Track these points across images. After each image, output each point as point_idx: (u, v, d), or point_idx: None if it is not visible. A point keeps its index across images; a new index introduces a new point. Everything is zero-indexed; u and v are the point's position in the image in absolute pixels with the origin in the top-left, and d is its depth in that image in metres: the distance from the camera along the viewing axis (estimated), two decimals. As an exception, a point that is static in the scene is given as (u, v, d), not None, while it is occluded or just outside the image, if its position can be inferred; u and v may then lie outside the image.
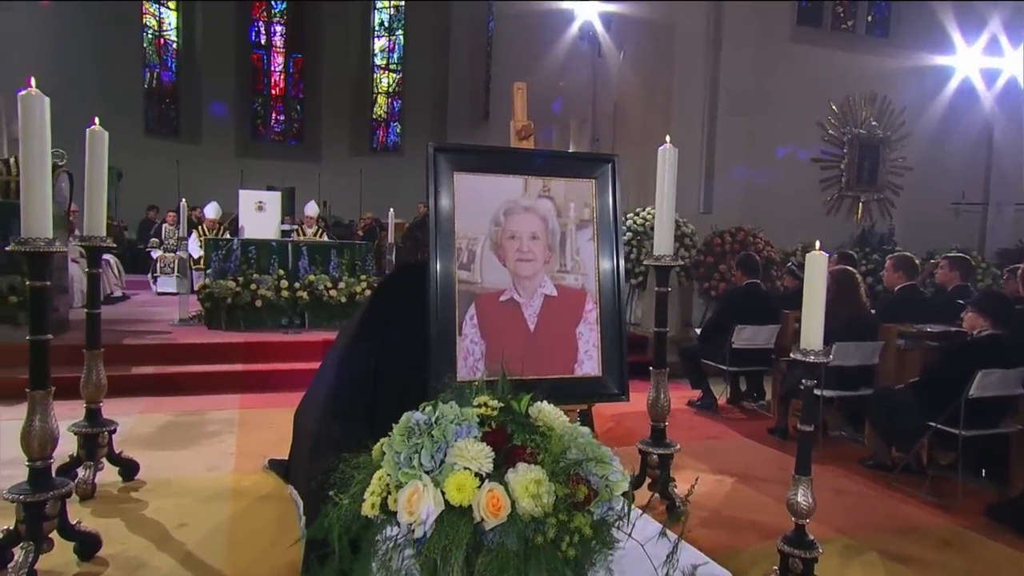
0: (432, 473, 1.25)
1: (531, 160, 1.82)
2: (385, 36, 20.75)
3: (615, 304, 1.79)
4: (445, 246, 1.66)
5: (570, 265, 1.78)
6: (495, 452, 1.30)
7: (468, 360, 1.68)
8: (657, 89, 9.15)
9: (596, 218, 1.82)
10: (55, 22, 12.64)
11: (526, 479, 1.23)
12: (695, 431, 5.43)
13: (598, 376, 1.76)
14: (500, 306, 1.72)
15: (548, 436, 1.33)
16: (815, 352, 2.66)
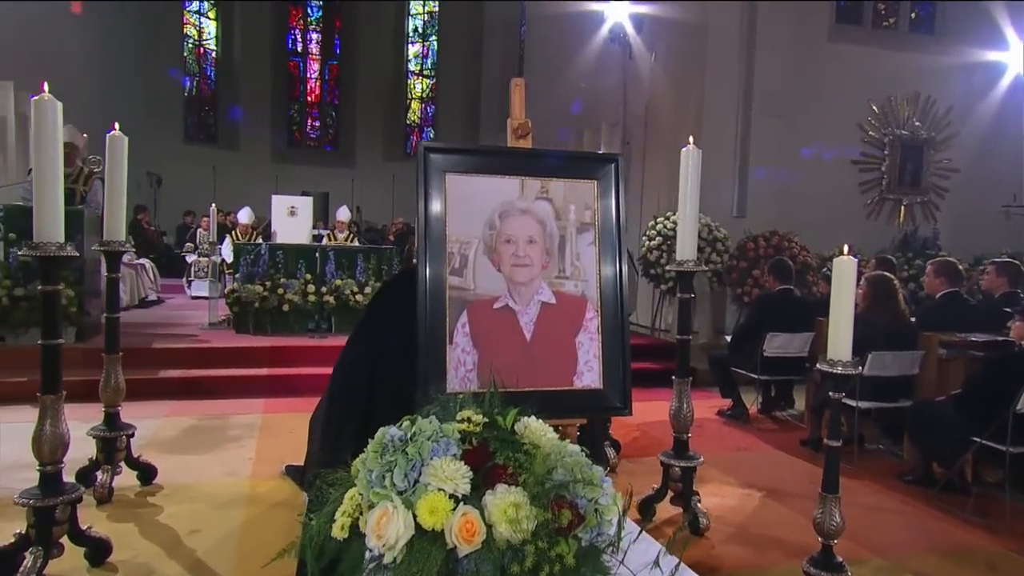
0: (405, 494, 1.17)
1: (528, 160, 1.73)
2: (419, 42, 20.87)
3: (617, 312, 1.69)
4: (435, 251, 1.58)
5: (569, 271, 1.68)
6: (474, 472, 1.21)
7: (459, 371, 1.59)
8: (689, 91, 8.97)
9: (598, 221, 1.72)
10: (100, 33, 12.97)
11: (504, 502, 1.14)
12: (724, 442, 5.26)
13: (599, 388, 1.66)
14: (494, 314, 1.63)
15: (533, 455, 1.24)
16: (843, 363, 2.52)
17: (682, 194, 3.48)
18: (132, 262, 9.05)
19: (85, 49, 12.25)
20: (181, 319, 7.96)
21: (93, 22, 12.55)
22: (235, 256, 7.47)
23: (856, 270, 2.54)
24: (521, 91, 1.80)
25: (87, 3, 12.00)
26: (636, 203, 9.83)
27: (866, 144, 9.34)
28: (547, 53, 13.92)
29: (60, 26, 10.69)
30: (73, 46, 11.47)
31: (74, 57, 11.64)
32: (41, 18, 9.67)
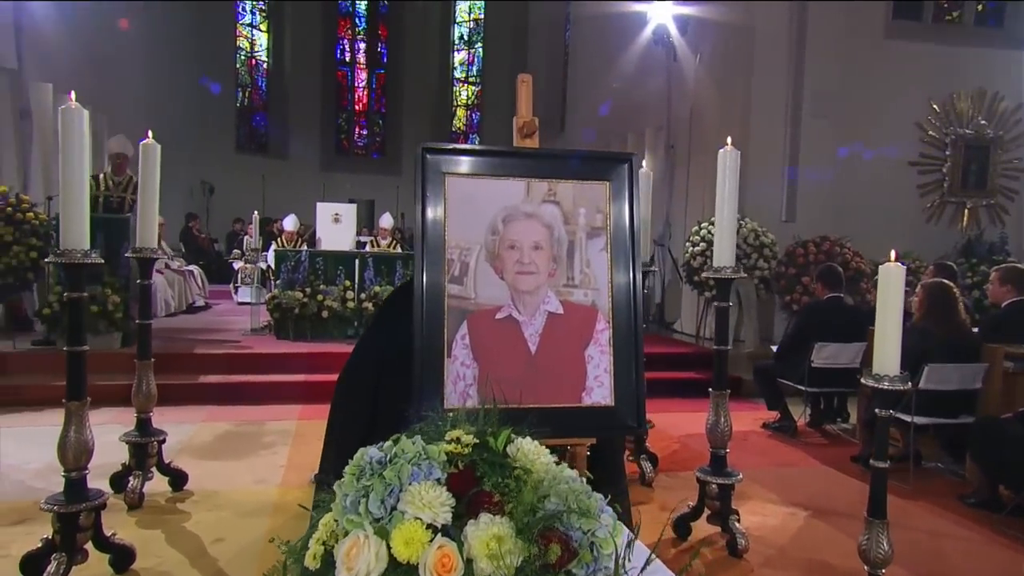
0: (381, 522, 1.08)
1: (534, 160, 1.63)
2: (465, 49, 20.97)
3: (631, 323, 1.56)
4: (433, 257, 1.49)
5: (579, 279, 1.57)
6: (457, 499, 1.11)
7: (458, 385, 1.49)
8: (734, 93, 8.73)
9: (610, 225, 1.60)
10: (157, 45, 13.39)
11: (486, 534, 1.04)
12: (768, 456, 5.03)
13: (610, 406, 1.53)
14: (496, 324, 1.53)
15: (523, 481, 1.13)
16: (891, 377, 2.33)
17: (719, 197, 3.33)
18: (181, 268, 9.27)
19: (141, 62, 12.65)
20: (225, 324, 8.09)
21: (149, 37, 12.96)
22: (275, 263, 7.56)
23: (904, 277, 2.34)
24: (528, 87, 1.70)
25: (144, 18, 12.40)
26: (680, 208, 9.61)
27: (926, 144, 8.92)
28: (591, 55, 13.79)
29: (117, 41, 11.06)
30: (129, 60, 11.85)
31: (131, 70, 12.03)
32: (100, 32, 10.02)
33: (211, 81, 12.08)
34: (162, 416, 5.26)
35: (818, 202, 8.46)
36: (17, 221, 5.85)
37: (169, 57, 14.04)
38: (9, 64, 7.48)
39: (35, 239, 5.89)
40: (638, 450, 4.29)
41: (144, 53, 12.67)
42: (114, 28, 10.64)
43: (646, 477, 4.19)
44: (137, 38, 12.24)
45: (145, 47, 12.69)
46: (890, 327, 2.34)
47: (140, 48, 12.48)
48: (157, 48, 13.44)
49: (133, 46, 12.01)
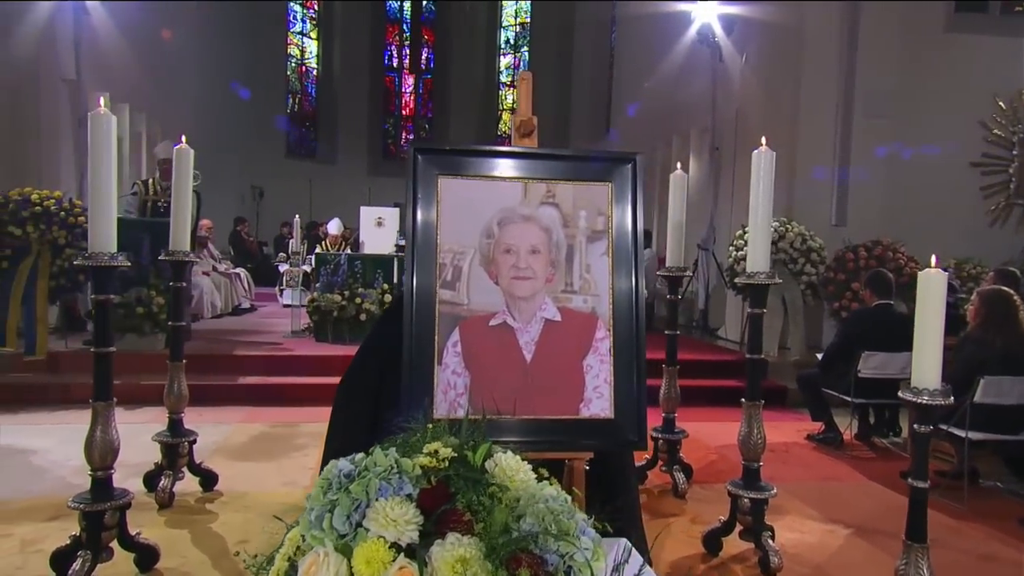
0: (346, 538, 1.03)
1: (532, 161, 1.56)
2: (511, 53, 21.00)
3: (632, 332, 1.48)
4: (424, 261, 1.44)
5: (578, 284, 1.49)
6: (428, 516, 1.05)
7: (448, 394, 1.43)
8: (782, 93, 8.47)
9: (612, 229, 1.52)
10: (210, 53, 13.80)
11: (451, 556, 0.98)
12: (811, 470, 4.83)
13: (609, 418, 1.45)
14: (490, 331, 1.47)
15: (498, 498, 1.07)
16: (930, 391, 2.19)
17: (753, 200, 3.20)
18: (227, 271, 9.48)
19: (195, 71, 13.04)
20: (268, 327, 8.23)
21: (203, 46, 13.36)
22: (316, 266, 7.66)
23: (945, 283, 2.19)
24: (527, 86, 1.64)
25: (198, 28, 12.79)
26: (726, 211, 9.38)
27: (990, 144, 8.49)
28: (636, 56, 13.63)
29: (171, 51, 11.42)
30: (183, 68, 12.23)
31: (184, 79, 12.41)
32: (155, 42, 10.36)
33: (241, 86, 12.36)
34: (201, 416, 5.39)
35: (870, 205, 8.14)
36: (70, 225, 6.06)
37: (222, 65, 14.44)
38: (69, 75, 7.78)
39: (86, 242, 6.08)
40: (671, 460, 4.17)
41: (197, 61, 13.06)
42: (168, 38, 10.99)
43: (679, 489, 4.07)
44: (191, 47, 12.63)
45: (198, 56, 13.09)
46: (929, 337, 2.20)
47: (193, 57, 12.87)
48: (210, 56, 13.83)
49: (187, 55, 12.39)
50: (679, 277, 4.16)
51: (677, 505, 3.98)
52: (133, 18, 8.96)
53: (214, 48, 14.01)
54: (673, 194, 4.09)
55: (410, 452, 1.18)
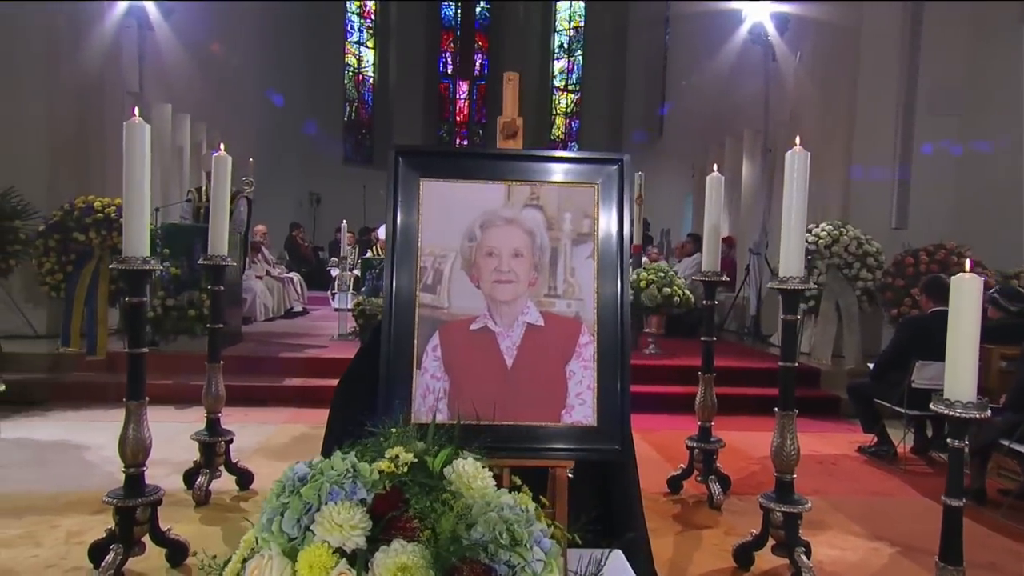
0: (294, 542, 1.02)
1: (516, 163, 1.53)
2: (565, 58, 20.97)
3: (617, 337, 1.44)
4: (404, 265, 1.43)
5: (561, 288, 1.46)
6: (377, 522, 1.04)
7: (427, 399, 1.42)
8: (838, 93, 8.19)
9: (598, 232, 1.48)
10: (269, 64, 14.25)
11: (393, 563, 0.96)
12: (859, 484, 4.63)
13: (592, 426, 1.41)
14: (470, 336, 1.44)
15: (450, 505, 1.04)
16: (964, 404, 2.06)
17: (786, 203, 3.09)
18: (281, 275, 9.75)
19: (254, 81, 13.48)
20: (317, 330, 8.41)
21: (262, 57, 13.80)
22: (362, 270, 7.79)
23: (981, 289, 2.06)
24: (514, 86, 1.61)
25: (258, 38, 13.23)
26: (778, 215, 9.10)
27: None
28: (688, 56, 13.40)
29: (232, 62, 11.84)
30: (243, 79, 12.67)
31: (244, 89, 12.86)
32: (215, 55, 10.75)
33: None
34: (246, 416, 5.55)
35: (934, 207, 7.77)
36: (127, 230, 6.33)
37: (281, 75, 14.87)
38: (133, 88, 8.15)
39: (143, 247, 6.35)
40: (706, 471, 4.05)
41: (257, 72, 13.49)
42: (229, 50, 11.39)
43: (714, 500, 3.95)
44: (251, 59, 13.07)
45: (258, 66, 13.52)
46: (963, 347, 2.07)
47: (254, 68, 13.31)
48: (270, 67, 14.28)
49: (247, 66, 12.82)
50: (715, 282, 4.04)
51: (711, 517, 3.87)
52: (196, 31, 9.33)
53: (274, 59, 14.45)
54: (709, 197, 3.99)
55: (375, 456, 1.17)
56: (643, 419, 5.96)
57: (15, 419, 5.42)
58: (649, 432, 5.59)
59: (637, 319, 7.82)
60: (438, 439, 1.24)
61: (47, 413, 5.61)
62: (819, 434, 5.85)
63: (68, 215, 6.28)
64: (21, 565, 3.08)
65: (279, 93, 14.64)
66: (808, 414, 6.41)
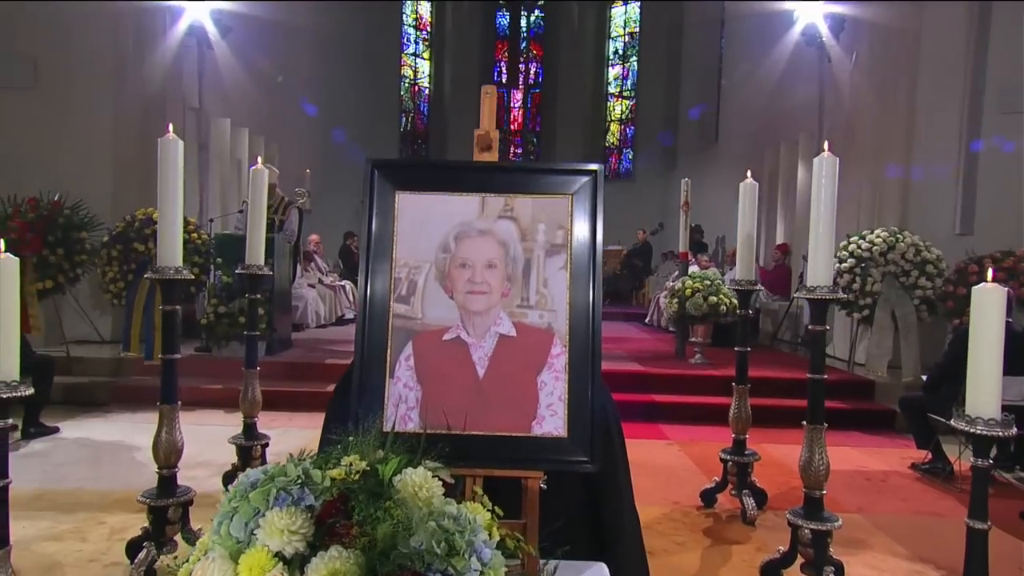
0: (241, 545, 1.05)
1: (490, 175, 1.54)
2: (619, 64, 20.84)
3: (588, 348, 1.42)
4: (379, 275, 1.45)
5: (534, 299, 1.45)
6: (321, 528, 1.06)
7: (399, 407, 1.43)
8: (897, 95, 7.87)
9: (571, 243, 1.47)
10: (327, 76, 14.66)
11: (325, 569, 0.98)
12: (908, 502, 4.42)
13: (561, 437, 1.40)
14: (443, 346, 1.45)
15: (391, 514, 1.06)
16: (986, 420, 1.95)
17: (815, 209, 3.00)
18: (333, 284, 9.99)
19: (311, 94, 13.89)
20: (365, 336, 8.58)
21: (321, 71, 14.22)
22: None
23: (1004, 299, 1.95)
24: (492, 100, 1.62)
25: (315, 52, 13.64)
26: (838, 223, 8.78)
27: None
28: (743, 59, 13.12)
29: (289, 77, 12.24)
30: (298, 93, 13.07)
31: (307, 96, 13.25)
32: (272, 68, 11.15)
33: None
34: (291, 421, 5.71)
35: (1002, 212, 7.36)
36: (183, 242, 6.61)
37: (337, 87, 15.27)
38: (193, 104, 8.53)
39: (197, 257, 6.63)
40: (740, 484, 3.95)
41: (314, 85, 13.88)
42: (285, 64, 11.79)
43: (747, 515, 3.84)
44: (308, 72, 13.47)
45: (315, 80, 13.91)
46: (986, 360, 1.97)
47: (311, 81, 13.71)
48: (327, 80, 14.68)
49: (304, 80, 13.22)
50: (749, 292, 3.94)
51: (743, 532, 3.76)
52: (254, 47, 9.70)
53: (331, 72, 14.86)
54: (742, 205, 3.90)
55: (336, 464, 1.19)
56: (684, 430, 5.87)
57: (79, 419, 5.72)
58: (689, 444, 5.49)
59: (683, 328, 7.69)
60: (400, 447, 1.26)
61: (107, 415, 5.91)
62: (871, 449, 5.62)
63: (129, 226, 6.61)
64: (67, 558, 3.26)
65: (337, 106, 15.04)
66: (861, 428, 6.17)
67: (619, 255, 15.24)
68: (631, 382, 6.72)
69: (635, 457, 5.09)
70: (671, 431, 5.87)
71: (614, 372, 6.91)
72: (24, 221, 6.23)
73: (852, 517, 4.01)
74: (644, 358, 7.67)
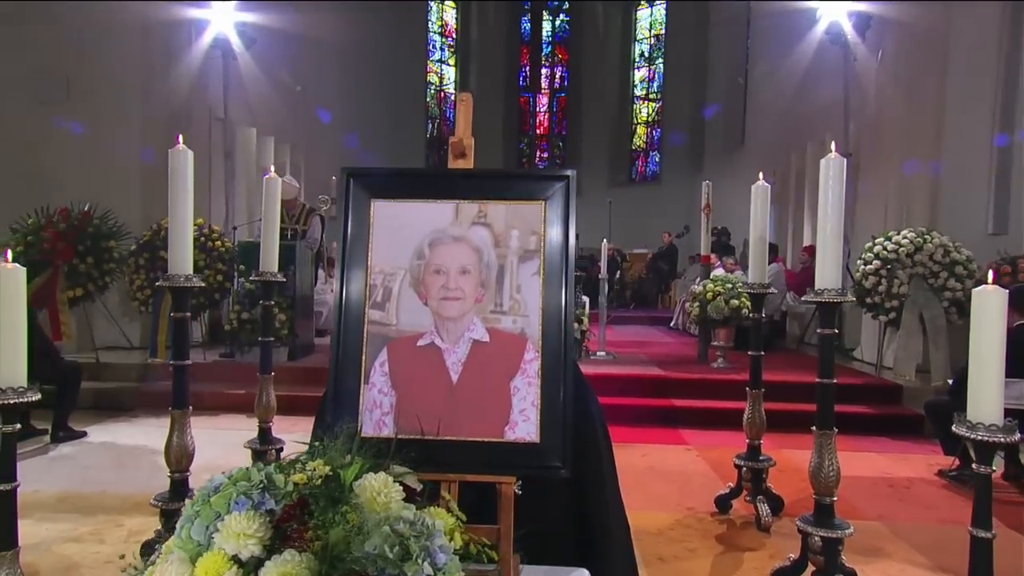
0: (200, 548, 1.07)
1: (464, 182, 1.54)
2: (645, 66, 20.73)
3: (560, 353, 1.42)
4: (355, 283, 1.46)
5: (507, 305, 1.45)
6: (277, 531, 1.07)
7: (374, 413, 1.44)
8: (925, 92, 7.70)
9: (544, 248, 1.47)
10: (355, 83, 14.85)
11: (278, 571, 0.99)
12: (933, 511, 4.30)
13: (534, 443, 1.39)
14: (417, 352, 1.46)
15: (346, 518, 1.07)
16: (987, 426, 1.90)
17: (822, 211, 2.95)
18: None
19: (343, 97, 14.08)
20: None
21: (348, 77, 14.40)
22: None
23: (1006, 303, 1.90)
24: (467, 107, 1.62)
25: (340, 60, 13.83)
26: (864, 223, 8.62)
27: None
28: (768, 58, 12.96)
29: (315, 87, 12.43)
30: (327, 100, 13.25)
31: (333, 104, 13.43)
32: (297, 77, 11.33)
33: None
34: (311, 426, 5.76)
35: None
36: (208, 249, 6.75)
37: (363, 95, 15.44)
38: (219, 115, 8.71)
39: (221, 264, 6.76)
40: (755, 490, 3.89)
41: (340, 92, 14.05)
42: (310, 73, 11.97)
43: (762, 522, 3.78)
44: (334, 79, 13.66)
45: (340, 87, 14.08)
46: (987, 364, 1.91)
47: (337, 88, 13.89)
48: (353, 87, 14.86)
49: (329, 88, 13.40)
50: (762, 295, 3.89)
51: (757, 539, 3.70)
52: (278, 57, 9.87)
53: (356, 79, 15.04)
54: (754, 206, 3.85)
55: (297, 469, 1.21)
56: (704, 435, 5.80)
57: (106, 424, 5.87)
58: (708, 449, 5.42)
59: (705, 332, 7.61)
60: (369, 452, 1.27)
61: (133, 419, 6.05)
62: (897, 455, 5.49)
63: (156, 235, 6.76)
64: (85, 560, 3.34)
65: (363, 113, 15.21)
66: (888, 433, 6.04)
67: (645, 258, 15.14)
68: (651, 387, 6.66)
69: (652, 462, 5.08)
70: (690, 436, 5.81)
71: (634, 377, 6.87)
72: (56, 231, 6.42)
73: (871, 524, 3.92)
74: (666, 362, 7.60)
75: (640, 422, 6.06)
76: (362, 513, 1.08)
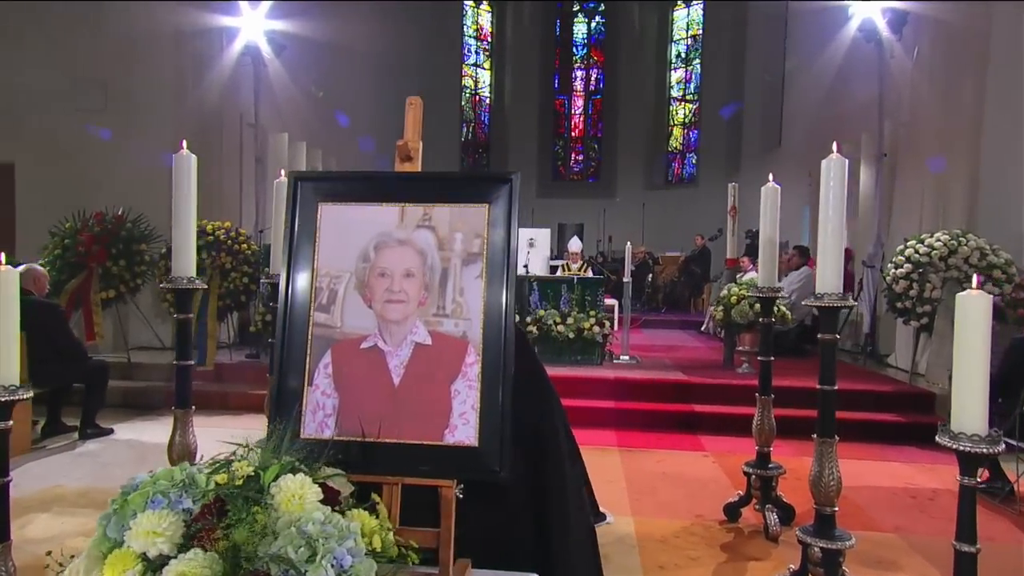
0: (115, 546, 1.09)
1: (410, 185, 1.54)
2: (682, 67, 20.50)
3: (500, 357, 1.40)
4: (300, 286, 1.47)
5: (450, 308, 1.44)
6: (188, 529, 1.09)
7: (317, 415, 1.45)
8: (963, 91, 7.43)
9: (487, 251, 1.46)
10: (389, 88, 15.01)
11: (179, 570, 1.00)
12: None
13: (473, 446, 1.38)
14: (360, 354, 1.46)
15: (256, 519, 1.07)
16: (972, 436, 1.83)
17: (823, 214, 2.87)
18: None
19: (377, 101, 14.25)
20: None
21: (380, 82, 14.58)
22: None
23: (991, 308, 1.82)
24: (416, 110, 1.62)
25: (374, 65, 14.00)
26: (898, 225, 8.36)
27: None
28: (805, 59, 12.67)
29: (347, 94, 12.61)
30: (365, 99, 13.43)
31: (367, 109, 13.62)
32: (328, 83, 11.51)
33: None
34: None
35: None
36: (235, 251, 6.90)
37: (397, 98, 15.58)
38: (250, 120, 8.91)
39: (247, 266, 6.91)
40: (764, 498, 3.80)
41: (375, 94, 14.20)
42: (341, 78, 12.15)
43: (770, 530, 3.69)
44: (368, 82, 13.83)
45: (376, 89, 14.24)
46: (973, 373, 1.83)
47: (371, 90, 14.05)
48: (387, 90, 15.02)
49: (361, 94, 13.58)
50: (772, 299, 3.80)
51: (764, 548, 3.62)
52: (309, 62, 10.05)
53: (391, 84, 15.21)
54: (764, 208, 3.77)
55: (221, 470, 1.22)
56: (722, 441, 5.69)
57: (133, 422, 6.05)
58: (725, 455, 5.32)
59: (729, 337, 7.47)
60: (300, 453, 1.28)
61: (160, 418, 6.21)
62: (924, 465, 5.31)
63: (185, 238, 6.93)
64: (97, 553, 3.43)
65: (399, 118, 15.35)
66: (918, 442, 5.83)
67: (677, 261, 14.95)
68: (673, 392, 6.57)
69: (665, 468, 5.01)
70: (709, 442, 5.71)
71: (656, 382, 6.78)
72: (91, 234, 6.65)
73: (886, 536, 3.80)
74: (690, 367, 7.48)
75: (658, 427, 5.98)
76: (273, 513, 1.08)
